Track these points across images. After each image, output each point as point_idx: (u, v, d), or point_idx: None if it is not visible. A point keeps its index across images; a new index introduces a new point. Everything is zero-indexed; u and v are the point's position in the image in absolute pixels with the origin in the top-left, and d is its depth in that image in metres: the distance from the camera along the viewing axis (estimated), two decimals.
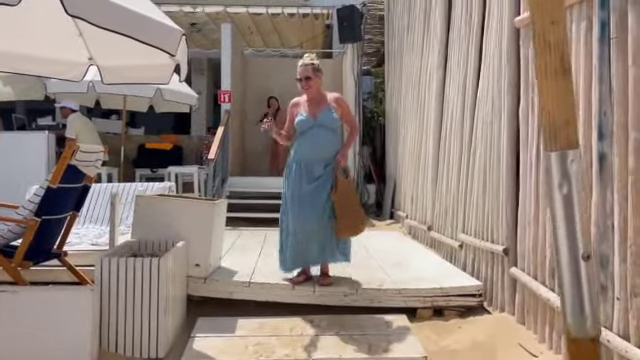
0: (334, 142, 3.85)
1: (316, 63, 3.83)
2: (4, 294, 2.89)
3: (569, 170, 1.30)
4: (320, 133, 3.79)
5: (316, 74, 3.81)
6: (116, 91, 7.32)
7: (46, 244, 3.54)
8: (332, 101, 3.85)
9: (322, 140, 3.79)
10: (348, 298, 3.82)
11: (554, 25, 1.41)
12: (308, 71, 3.79)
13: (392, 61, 8.98)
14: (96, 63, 4.03)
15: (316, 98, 3.84)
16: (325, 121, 3.79)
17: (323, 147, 3.80)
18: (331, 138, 3.83)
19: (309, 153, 3.80)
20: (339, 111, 3.85)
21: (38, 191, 3.39)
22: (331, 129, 3.82)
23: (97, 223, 5.04)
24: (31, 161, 6.56)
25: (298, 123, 3.84)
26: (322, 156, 3.79)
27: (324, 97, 3.87)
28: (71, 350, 2.82)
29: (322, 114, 3.79)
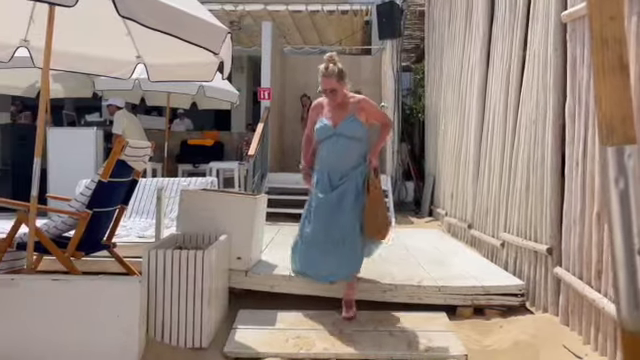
0: (357, 151, 3.52)
1: (338, 69, 3.42)
2: (58, 282, 3.03)
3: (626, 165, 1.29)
4: (340, 142, 3.47)
5: (340, 83, 3.43)
6: (161, 88, 7.52)
7: (96, 235, 3.70)
8: (355, 106, 3.51)
9: (342, 150, 3.48)
10: (387, 294, 3.83)
11: (613, 21, 1.38)
12: (332, 82, 3.40)
13: (432, 56, 8.89)
14: (143, 61, 4.16)
15: (340, 103, 3.53)
16: (345, 129, 3.46)
17: (344, 157, 3.49)
18: (353, 147, 3.50)
19: (329, 164, 3.52)
20: (362, 115, 3.50)
21: (90, 185, 3.54)
22: (353, 138, 3.48)
23: (143, 216, 5.21)
24: (81, 156, 6.81)
25: (317, 131, 3.55)
26: (343, 167, 3.49)
27: (348, 101, 3.52)
28: (120, 338, 2.93)
29: (343, 122, 3.47)
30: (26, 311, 2.90)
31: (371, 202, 3.46)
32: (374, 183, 3.50)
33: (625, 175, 1.28)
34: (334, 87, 3.40)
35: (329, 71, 3.37)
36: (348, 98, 3.53)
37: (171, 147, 9.03)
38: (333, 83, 3.39)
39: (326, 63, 3.41)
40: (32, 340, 2.87)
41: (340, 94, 3.46)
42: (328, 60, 3.42)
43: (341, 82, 3.42)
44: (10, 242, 3.44)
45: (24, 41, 3.96)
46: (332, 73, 3.37)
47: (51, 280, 3.03)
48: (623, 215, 1.29)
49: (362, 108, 3.50)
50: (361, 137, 3.52)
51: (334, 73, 3.37)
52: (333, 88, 3.40)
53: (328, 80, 3.38)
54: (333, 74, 3.37)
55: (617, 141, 1.34)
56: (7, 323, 2.87)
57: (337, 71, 3.39)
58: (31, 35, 3.92)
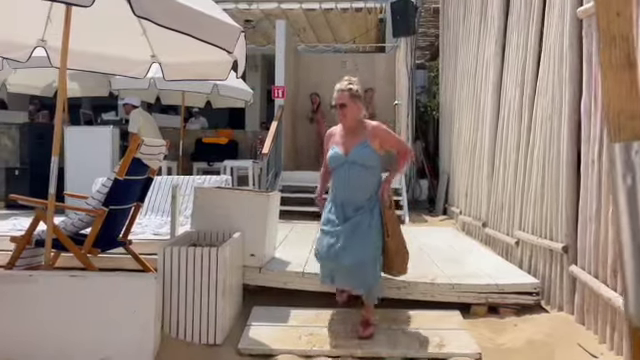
0: (370, 181, 3.30)
1: (355, 88, 3.27)
2: (75, 279, 3.08)
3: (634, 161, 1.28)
4: (353, 171, 3.26)
5: (354, 101, 3.26)
6: (176, 87, 7.58)
7: (113, 233, 3.75)
8: (368, 132, 3.28)
9: (355, 180, 3.26)
10: (401, 291, 3.82)
11: (620, 17, 1.37)
12: (344, 97, 3.25)
13: (447, 53, 8.84)
14: (158, 60, 4.21)
15: (352, 128, 3.31)
16: (358, 157, 3.24)
17: (357, 187, 3.27)
18: (366, 177, 3.28)
19: (342, 194, 3.32)
20: (376, 142, 3.26)
21: (106, 182, 3.59)
22: (365, 166, 3.26)
23: (158, 214, 5.26)
24: (97, 154, 6.90)
25: (329, 158, 3.36)
26: (358, 197, 3.28)
27: (362, 127, 3.31)
28: (136, 333, 2.97)
29: (354, 148, 3.25)
30: (44, 306, 2.95)
31: (393, 246, 3.33)
32: (390, 218, 3.30)
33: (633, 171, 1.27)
34: (345, 102, 3.24)
35: (344, 86, 3.28)
36: (361, 124, 3.32)
37: (186, 145, 9.11)
38: (345, 98, 3.24)
39: (344, 80, 3.35)
40: (49, 335, 2.92)
41: (350, 114, 3.26)
42: (347, 79, 3.35)
43: (354, 100, 3.26)
44: (29, 239, 3.51)
45: (41, 41, 4.02)
46: (346, 89, 3.26)
47: (69, 276, 3.09)
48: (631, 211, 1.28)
49: (375, 134, 3.28)
50: (374, 165, 3.29)
51: (348, 89, 3.26)
52: (344, 103, 3.24)
53: (341, 94, 3.26)
54: (347, 90, 3.26)
55: (625, 137, 1.33)
56: (26, 318, 2.92)
57: (352, 89, 3.26)
58: (48, 35, 3.99)
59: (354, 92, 3.26)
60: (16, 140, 8.43)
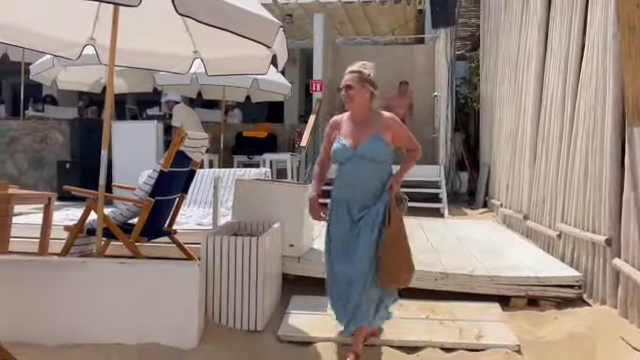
0: (380, 177, 2.95)
1: (365, 72, 2.92)
2: (124, 266, 3.24)
3: None
4: (361, 166, 2.91)
5: (362, 85, 2.90)
6: (216, 82, 7.74)
7: (158, 222, 3.91)
8: (381, 123, 2.95)
9: (364, 176, 2.93)
10: (438, 282, 3.83)
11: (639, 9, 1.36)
12: (352, 78, 2.91)
13: (487, 43, 8.68)
14: (200, 56, 4.33)
15: (362, 118, 2.96)
16: (368, 151, 2.90)
17: (366, 184, 2.93)
18: (376, 172, 2.95)
19: (348, 191, 2.97)
20: (389, 134, 2.93)
21: (152, 174, 3.74)
22: (376, 161, 2.92)
23: (201, 205, 5.43)
24: (142, 148, 7.14)
25: (335, 152, 2.99)
26: (365, 195, 2.93)
27: (374, 118, 2.97)
28: (181, 319, 3.10)
29: (365, 142, 2.90)
30: (95, 291, 3.12)
31: (390, 237, 2.87)
32: (395, 213, 2.89)
33: None
34: (351, 84, 2.90)
35: (354, 68, 2.96)
36: (374, 114, 2.98)
37: (227, 139, 9.29)
38: (353, 79, 2.91)
39: (357, 63, 3.03)
40: (100, 318, 3.09)
41: (357, 98, 2.92)
42: (362, 63, 3.02)
43: (362, 84, 2.90)
44: (81, 228, 3.70)
45: (91, 39, 4.21)
46: (356, 70, 2.94)
47: (118, 263, 3.25)
48: None
49: (389, 126, 2.95)
50: (385, 160, 2.96)
51: (358, 71, 2.93)
52: (350, 84, 2.91)
53: (349, 76, 2.93)
54: (356, 71, 2.93)
55: None
56: (78, 301, 3.10)
57: (363, 72, 2.92)
58: (97, 34, 4.17)
59: (365, 75, 2.91)
60: (67, 135, 8.81)
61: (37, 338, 2.99)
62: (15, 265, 3.13)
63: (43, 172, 9.02)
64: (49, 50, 4.45)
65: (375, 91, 2.95)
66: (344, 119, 3.04)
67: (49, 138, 9.20)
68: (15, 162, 9.20)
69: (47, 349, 2.93)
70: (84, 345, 3.00)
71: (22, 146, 9.22)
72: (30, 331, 3.01)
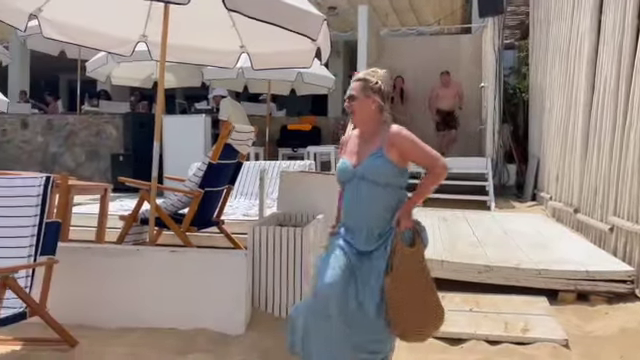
0: (387, 204, 2.38)
1: (372, 80, 2.45)
2: (175, 254, 3.39)
3: None
4: (361, 189, 2.40)
5: (366, 94, 2.44)
6: (262, 76, 7.86)
7: (207, 213, 4.05)
8: (387, 138, 2.41)
9: (365, 201, 2.40)
10: (482, 275, 3.80)
11: None
12: (355, 88, 2.47)
13: (537, 31, 8.43)
14: (247, 50, 4.43)
15: (369, 134, 2.48)
16: (368, 171, 2.39)
17: (367, 212, 2.39)
18: (380, 198, 2.38)
19: (349, 217, 2.46)
20: (393, 152, 2.37)
21: (201, 166, 3.88)
22: (378, 183, 2.38)
23: (247, 197, 5.56)
24: (191, 141, 7.36)
25: (337, 172, 2.56)
26: (368, 225, 2.38)
27: (380, 133, 2.44)
28: (229, 305, 3.22)
29: (365, 160, 2.42)
30: (148, 278, 3.28)
31: (396, 288, 2.27)
32: (406, 256, 2.30)
33: None
34: (354, 94, 2.46)
35: (359, 75, 2.53)
36: (382, 127, 2.45)
37: (272, 132, 9.44)
38: (356, 89, 2.46)
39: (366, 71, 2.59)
40: (152, 304, 3.24)
41: (360, 110, 2.46)
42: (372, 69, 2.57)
43: (367, 94, 2.44)
44: (135, 217, 3.87)
45: (143, 36, 4.37)
46: (360, 78, 2.50)
47: (170, 252, 3.40)
48: None
49: (392, 142, 2.38)
50: (391, 182, 2.40)
51: (362, 79, 2.48)
52: (352, 95, 2.47)
53: (353, 85, 2.49)
54: (361, 79, 2.49)
55: None
56: (133, 287, 3.26)
57: (368, 80, 2.46)
58: (149, 31, 4.33)
59: (371, 84, 2.44)
60: (120, 128, 9.17)
61: (96, 321, 3.17)
62: (75, 252, 3.32)
63: (99, 164, 9.43)
64: (104, 47, 4.67)
65: (384, 102, 2.45)
66: (353, 135, 2.59)
67: (104, 132, 9.60)
68: (73, 155, 9.65)
69: (106, 332, 3.10)
70: (138, 329, 3.16)
71: (79, 139, 9.66)
72: (90, 315, 3.19)
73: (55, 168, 9.15)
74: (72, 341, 2.90)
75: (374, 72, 2.52)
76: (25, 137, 9.75)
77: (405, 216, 2.36)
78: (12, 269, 2.55)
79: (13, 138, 9.78)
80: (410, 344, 3.01)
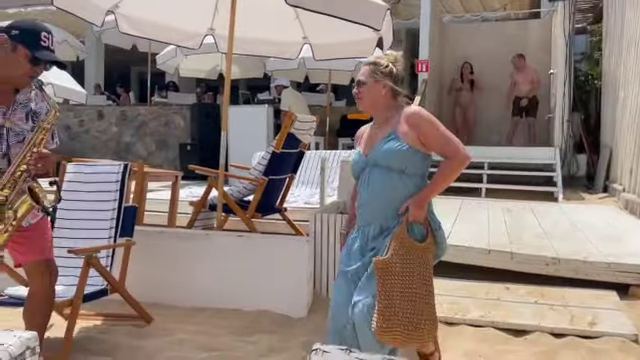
0: (400, 192, 2.16)
1: (382, 63, 2.23)
2: (241, 238, 3.54)
3: None
4: (374, 178, 2.19)
5: (376, 79, 2.21)
6: (323, 66, 7.93)
7: (271, 200, 4.18)
8: (401, 120, 2.18)
9: (376, 190, 2.18)
10: (550, 267, 3.71)
11: None
12: (364, 72, 2.25)
13: (612, 16, 7.99)
14: (309, 42, 4.51)
15: (381, 121, 2.26)
16: (379, 156, 2.18)
17: (378, 202, 2.18)
18: (395, 186, 2.16)
19: (361, 211, 2.25)
20: (410, 135, 2.14)
21: (265, 155, 4.01)
22: (391, 169, 2.16)
23: (309, 185, 5.67)
24: (254, 131, 7.55)
25: (351, 165, 2.35)
26: (379, 217, 2.18)
27: (393, 117, 2.22)
28: (291, 289, 3.33)
29: (379, 143, 2.20)
30: (217, 261, 3.45)
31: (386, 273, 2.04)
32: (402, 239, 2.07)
33: None
34: (363, 79, 2.24)
35: (369, 59, 2.32)
36: (394, 112, 2.23)
37: (332, 122, 9.50)
38: (365, 74, 2.24)
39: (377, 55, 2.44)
40: (220, 285, 3.41)
41: (369, 94, 2.23)
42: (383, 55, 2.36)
43: (376, 78, 2.21)
44: (203, 203, 4.06)
45: (210, 30, 4.55)
46: (370, 62, 2.28)
47: (236, 236, 3.56)
48: None
49: (409, 124, 2.16)
50: (405, 168, 2.16)
51: (372, 64, 2.26)
52: (360, 80, 2.25)
53: (362, 69, 2.28)
54: (370, 64, 2.26)
55: None
56: (203, 269, 3.45)
57: (378, 64, 2.24)
58: (216, 24, 4.49)
59: (381, 67, 2.23)
60: (187, 119, 9.54)
61: (169, 300, 3.38)
62: (150, 235, 3.54)
63: (167, 153, 9.87)
64: (174, 41, 4.89)
65: (397, 86, 2.23)
66: (366, 131, 2.37)
67: (172, 122, 10.02)
68: (144, 144, 10.15)
69: (178, 311, 3.31)
70: (207, 309, 3.34)
71: (149, 129, 10.13)
72: (163, 294, 3.40)
73: (128, 157, 9.65)
74: (148, 318, 3.11)
75: (386, 55, 2.31)
76: (101, 127, 10.35)
77: (416, 205, 2.11)
78: (95, 249, 2.77)
79: (90, 128, 10.40)
80: (472, 335, 3.04)
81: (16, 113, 2.11)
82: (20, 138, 2.12)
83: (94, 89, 12.23)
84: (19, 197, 2.04)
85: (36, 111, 2.16)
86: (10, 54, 2.02)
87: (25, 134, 2.12)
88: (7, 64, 2.03)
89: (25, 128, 2.13)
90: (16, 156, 2.06)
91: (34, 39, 2.05)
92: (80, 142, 10.28)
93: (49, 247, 2.33)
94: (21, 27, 2.07)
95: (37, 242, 2.25)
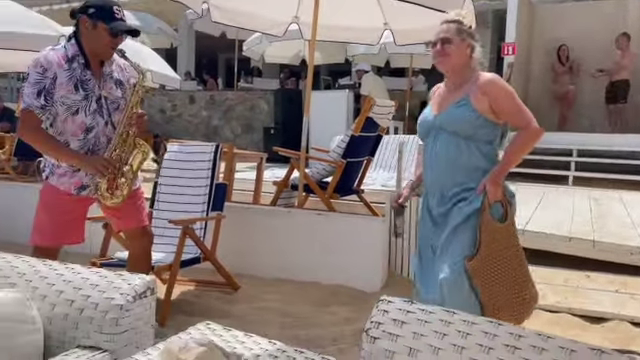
0: (467, 160, 2.13)
1: (465, 23, 2.21)
2: (321, 217, 3.75)
3: None
4: (439, 141, 2.18)
5: (462, 38, 2.16)
6: (404, 51, 7.94)
7: (349, 181, 4.35)
8: (475, 86, 2.14)
9: (442, 154, 2.16)
10: (634, 257, 3.59)
11: None
12: (449, 30, 2.17)
13: None
14: (390, 27, 4.58)
15: (458, 82, 2.21)
16: (447, 120, 2.16)
17: (444, 167, 2.16)
18: (462, 152, 2.13)
19: (426, 177, 2.27)
20: (483, 101, 2.10)
21: (344, 138, 4.17)
22: (458, 135, 2.14)
23: (386, 169, 5.77)
24: (334, 115, 7.74)
25: (419, 124, 2.34)
26: (444, 184, 2.17)
27: (468, 81, 2.18)
28: (367, 266, 3.50)
29: (450, 106, 2.18)
30: (297, 237, 3.69)
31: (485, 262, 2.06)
32: (494, 232, 2.06)
33: None
34: (448, 36, 2.15)
35: (450, 17, 2.23)
36: (472, 75, 2.18)
37: (412, 107, 9.48)
38: (451, 31, 2.16)
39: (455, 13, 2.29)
40: (301, 259, 3.65)
41: (454, 55, 2.16)
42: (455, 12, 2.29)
43: (462, 38, 2.17)
44: (286, 183, 4.31)
45: (295, 17, 4.75)
46: (453, 19, 2.21)
47: (316, 214, 3.77)
48: None
49: (484, 90, 2.11)
50: (474, 135, 2.13)
51: (457, 22, 2.20)
52: (446, 37, 2.16)
53: (446, 26, 2.18)
54: (455, 22, 2.19)
55: None
56: (285, 244, 3.70)
57: (463, 23, 2.20)
58: (300, 12, 4.69)
59: (464, 27, 2.20)
60: (270, 103, 9.92)
61: (254, 271, 3.67)
62: (238, 211, 3.84)
63: (252, 136, 10.33)
64: (261, 29, 5.15)
65: (477, 44, 2.22)
66: (440, 88, 2.34)
67: (257, 107, 10.45)
68: (231, 127, 10.68)
69: (262, 281, 3.59)
70: (288, 281, 3.60)
71: (236, 113, 10.64)
72: (249, 265, 3.70)
73: (216, 139, 10.22)
74: (235, 285, 3.41)
75: (461, 14, 2.26)
76: (192, 111, 11.00)
77: (493, 183, 2.06)
78: (191, 220, 3.08)
79: (182, 112, 11.09)
80: (547, 319, 3.05)
81: (107, 83, 2.34)
82: (116, 105, 2.36)
83: (185, 75, 12.97)
84: (130, 154, 2.33)
85: (120, 79, 2.40)
86: (92, 31, 2.24)
87: (119, 101, 2.37)
88: (92, 40, 2.26)
89: (117, 96, 2.37)
90: (117, 122, 2.34)
91: (109, 13, 2.25)
92: (173, 125, 11.01)
93: (145, 214, 2.58)
94: (96, 5, 2.26)
95: (135, 210, 2.49)
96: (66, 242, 2.37)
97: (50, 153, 2.27)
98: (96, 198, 2.36)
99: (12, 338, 1.26)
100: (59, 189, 2.29)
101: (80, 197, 2.33)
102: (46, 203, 2.33)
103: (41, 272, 1.51)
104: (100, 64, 2.33)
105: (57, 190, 2.29)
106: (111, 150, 2.30)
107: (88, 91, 2.26)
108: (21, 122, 2.20)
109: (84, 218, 2.43)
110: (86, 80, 2.25)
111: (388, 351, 1.10)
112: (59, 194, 2.30)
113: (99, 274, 1.49)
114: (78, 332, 1.37)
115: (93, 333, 1.36)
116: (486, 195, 2.05)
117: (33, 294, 1.43)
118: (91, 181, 2.31)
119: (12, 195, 4.66)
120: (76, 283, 1.45)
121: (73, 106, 2.22)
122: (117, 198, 2.31)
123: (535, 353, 0.95)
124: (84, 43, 2.26)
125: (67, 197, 2.31)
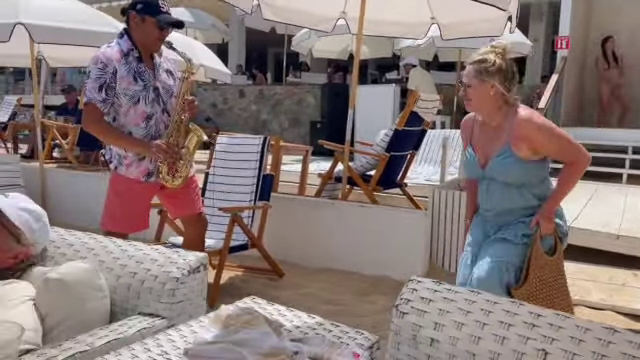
0: (523, 202, 2.15)
1: (490, 60, 2.08)
2: (364, 209, 3.84)
3: None
4: (492, 189, 2.19)
5: (482, 80, 2.09)
6: (452, 45, 7.87)
7: (392, 175, 4.42)
8: (512, 132, 2.08)
9: (497, 200, 2.18)
10: None
11: None
12: (468, 73, 2.13)
13: None
14: (437, 22, 4.60)
15: (490, 120, 2.17)
16: (497, 172, 2.15)
17: (500, 209, 2.19)
18: (515, 197, 2.15)
19: (485, 215, 2.27)
20: (523, 147, 2.06)
21: (388, 132, 4.24)
22: (509, 184, 2.14)
23: (430, 163, 5.79)
24: (380, 109, 7.77)
25: (464, 165, 2.35)
26: (504, 219, 2.19)
27: (506, 120, 2.12)
28: (409, 257, 3.57)
29: (494, 158, 2.14)
30: (341, 227, 3.80)
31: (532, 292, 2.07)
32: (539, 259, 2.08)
33: None
34: (467, 82, 2.12)
35: (474, 58, 2.14)
36: (507, 114, 2.13)
37: (460, 101, 9.38)
38: (469, 75, 2.12)
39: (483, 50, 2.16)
40: (345, 249, 3.76)
41: (476, 98, 2.12)
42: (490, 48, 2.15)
43: (482, 80, 2.08)
44: (330, 176, 4.43)
45: (342, 13, 4.83)
46: (475, 61, 2.12)
47: (359, 206, 3.86)
48: None
49: (520, 136, 2.06)
50: (526, 182, 2.14)
51: (477, 61, 2.11)
52: (465, 82, 2.14)
53: (466, 70, 2.15)
54: (474, 64, 2.11)
55: None
56: (328, 234, 3.82)
57: (482, 63, 2.09)
58: (348, 7, 4.77)
59: (486, 66, 2.08)
60: (317, 98, 10.05)
61: (298, 260, 3.81)
62: (284, 201, 3.99)
63: (299, 130, 10.51)
64: (309, 25, 5.26)
65: (507, 81, 2.10)
66: (477, 120, 2.27)
67: (304, 101, 10.62)
68: (279, 121, 10.90)
69: (306, 270, 3.73)
70: (331, 270, 3.72)
71: (283, 108, 10.85)
72: (293, 253, 3.84)
73: (264, 132, 10.47)
74: (280, 272, 3.56)
75: (493, 50, 2.13)
76: (242, 105, 11.29)
77: (545, 219, 2.09)
78: (240, 208, 3.25)
79: (233, 106, 11.40)
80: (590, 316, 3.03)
81: (160, 74, 2.50)
82: (169, 94, 2.52)
83: (236, 69, 13.29)
84: (186, 137, 2.50)
85: (169, 69, 2.56)
86: (141, 25, 2.40)
87: (172, 89, 2.53)
88: (142, 34, 2.41)
89: (170, 84, 2.53)
90: (172, 109, 2.50)
91: (155, 8, 2.40)
92: (224, 118, 11.34)
93: (199, 201, 2.73)
94: (143, 1, 2.40)
95: (190, 198, 2.65)
96: (135, 230, 2.52)
97: (115, 142, 2.44)
98: (161, 185, 2.52)
99: (84, 302, 1.44)
100: (129, 178, 2.46)
101: (148, 184, 2.49)
102: (117, 191, 2.50)
103: (107, 247, 1.69)
104: (151, 57, 2.49)
105: (127, 179, 2.46)
106: (168, 135, 2.46)
107: (145, 81, 2.42)
108: (85, 115, 2.38)
109: (149, 206, 2.60)
110: (142, 72, 2.42)
111: (415, 325, 1.20)
112: (129, 182, 2.46)
113: (158, 251, 1.65)
114: (139, 301, 1.54)
115: (152, 302, 1.52)
116: (539, 228, 2.09)
117: (101, 266, 1.61)
118: (155, 167, 2.48)
119: (75, 182, 5.00)
120: (138, 258, 1.62)
121: (135, 96, 2.39)
122: (177, 180, 2.48)
123: (552, 330, 1.02)
124: (135, 38, 2.42)
125: (137, 185, 2.47)
